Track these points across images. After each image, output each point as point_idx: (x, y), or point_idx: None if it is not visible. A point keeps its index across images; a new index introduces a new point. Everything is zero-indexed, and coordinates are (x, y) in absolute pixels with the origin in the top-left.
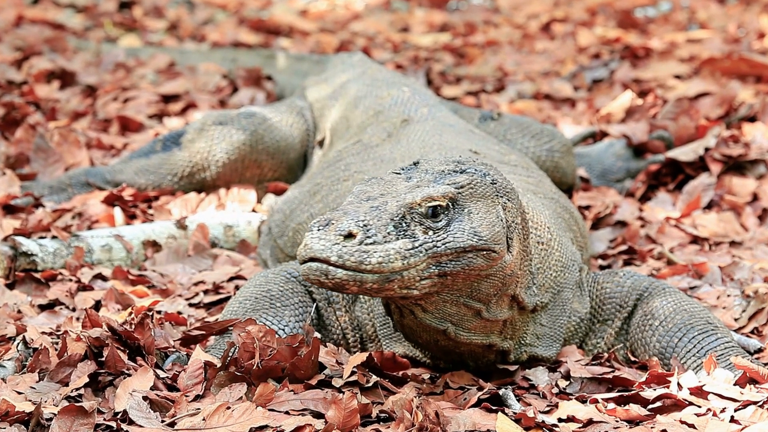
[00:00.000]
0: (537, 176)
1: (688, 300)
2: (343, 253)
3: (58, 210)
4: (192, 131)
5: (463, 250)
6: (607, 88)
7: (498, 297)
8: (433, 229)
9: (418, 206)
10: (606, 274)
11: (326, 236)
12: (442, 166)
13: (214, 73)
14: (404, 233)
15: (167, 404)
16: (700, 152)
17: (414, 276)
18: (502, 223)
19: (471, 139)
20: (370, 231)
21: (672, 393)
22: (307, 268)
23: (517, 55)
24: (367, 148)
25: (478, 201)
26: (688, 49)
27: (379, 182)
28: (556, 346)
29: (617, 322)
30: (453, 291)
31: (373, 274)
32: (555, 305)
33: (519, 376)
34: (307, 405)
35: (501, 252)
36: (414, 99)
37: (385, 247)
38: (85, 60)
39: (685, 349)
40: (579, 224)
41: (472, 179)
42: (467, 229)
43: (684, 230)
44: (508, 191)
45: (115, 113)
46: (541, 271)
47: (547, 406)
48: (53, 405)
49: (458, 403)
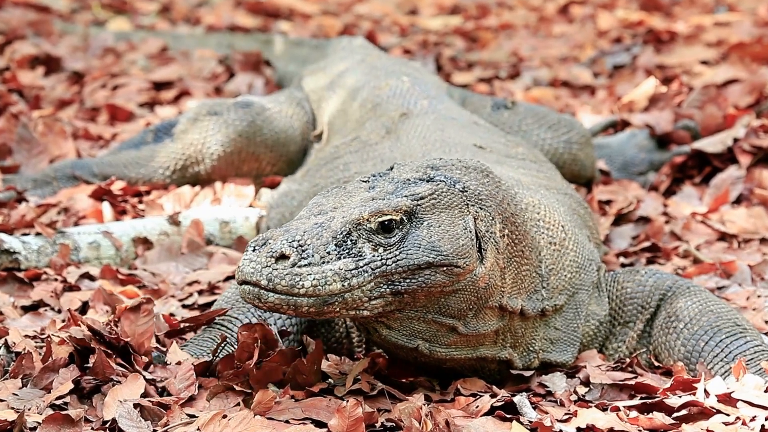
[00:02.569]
0: (548, 170)
1: (714, 300)
2: (274, 277)
3: (43, 205)
4: (185, 121)
5: (418, 267)
6: (629, 75)
7: (475, 311)
8: (384, 246)
9: (367, 222)
10: (626, 272)
11: (258, 258)
12: (411, 173)
13: (209, 58)
14: (348, 252)
15: (159, 412)
16: (728, 143)
17: (360, 297)
18: (470, 235)
19: (475, 132)
20: (306, 251)
21: (698, 400)
22: (241, 291)
23: (533, 40)
24: (366, 146)
25: (442, 212)
26: (715, 32)
27: (338, 193)
28: (572, 351)
29: (639, 325)
30: (417, 308)
31: (307, 297)
32: (570, 308)
33: (535, 383)
34: (308, 413)
35: (466, 267)
36: (413, 90)
37: (321, 268)
38: (71, 44)
39: (712, 353)
40: (594, 220)
41: (436, 189)
42: (424, 245)
43: (711, 226)
44: (482, 199)
45: (104, 101)
46: (554, 272)
47: (565, 414)
48: (37, 413)
49: (470, 411)
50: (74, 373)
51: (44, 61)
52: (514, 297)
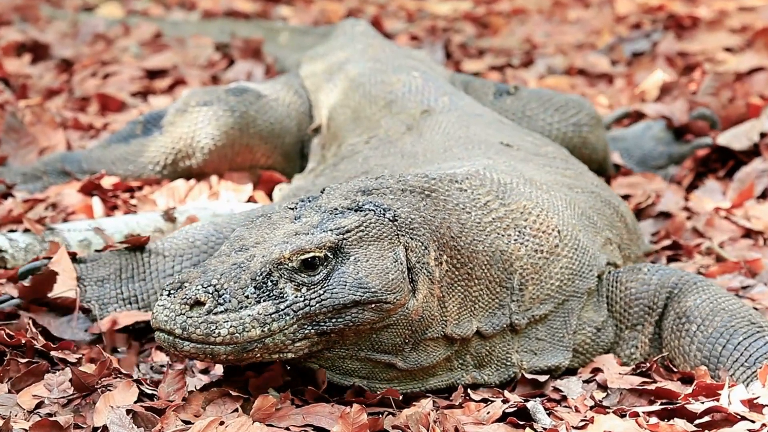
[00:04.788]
0: (576, 168)
1: (724, 295)
2: (188, 326)
3: (30, 200)
4: (173, 112)
5: (344, 306)
6: (649, 63)
7: (413, 344)
8: (307, 285)
9: (288, 261)
10: (628, 271)
11: (172, 305)
12: (340, 200)
13: (206, 45)
14: (269, 294)
15: (153, 418)
16: (754, 138)
17: (283, 340)
18: (400, 267)
19: (502, 130)
20: (223, 296)
21: (722, 406)
22: (156, 337)
23: (547, 25)
24: (385, 143)
25: (370, 245)
26: (739, 18)
27: (261, 225)
28: (564, 354)
29: (649, 328)
30: (347, 346)
31: (225, 345)
32: (557, 316)
33: (549, 387)
34: (310, 420)
35: (397, 302)
36: (429, 86)
37: (239, 314)
38: (60, 31)
39: (731, 358)
40: (626, 219)
41: (364, 220)
42: (350, 282)
43: (735, 222)
44: (413, 228)
45: (94, 91)
46: (534, 282)
47: (581, 420)
48: (24, 420)
49: (480, 417)
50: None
51: (31, 48)
52: (464, 322)
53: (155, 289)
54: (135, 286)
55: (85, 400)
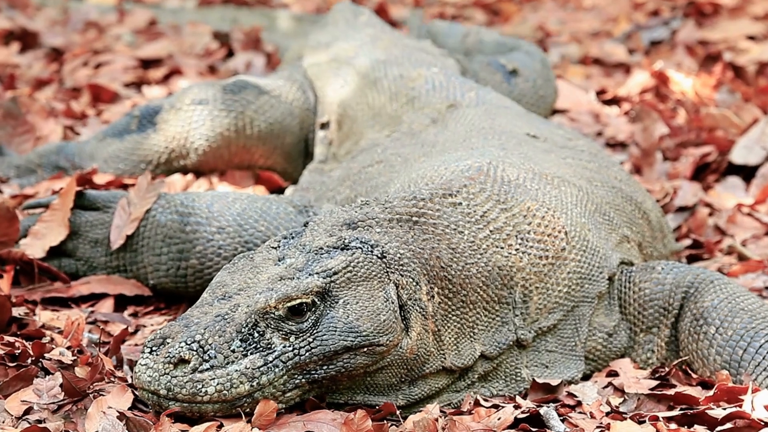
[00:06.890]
0: (601, 162)
1: (743, 294)
2: (173, 386)
3: (19, 195)
4: (168, 108)
5: (335, 353)
6: (668, 52)
7: (410, 381)
8: (295, 333)
9: (274, 309)
10: (641, 270)
11: (155, 365)
12: (324, 238)
13: (203, 33)
14: (256, 346)
15: (146, 424)
16: None
17: (273, 392)
18: (392, 307)
19: (530, 122)
20: (208, 353)
21: (745, 411)
22: (141, 396)
23: (562, 12)
24: (407, 135)
25: (359, 286)
26: (763, 5)
27: (244, 268)
28: (575, 365)
29: (665, 330)
30: (340, 391)
31: (212, 404)
32: (567, 324)
33: (563, 392)
34: (312, 427)
35: (390, 343)
36: (452, 81)
37: (226, 370)
38: (49, 18)
39: (753, 362)
40: (650, 216)
41: (352, 260)
42: (340, 327)
43: (759, 219)
44: (403, 264)
45: (86, 81)
46: (539, 291)
47: (597, 427)
48: (12, 426)
49: (491, 424)
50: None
51: (20, 37)
52: (465, 350)
53: (144, 264)
54: (126, 256)
55: (77, 406)
